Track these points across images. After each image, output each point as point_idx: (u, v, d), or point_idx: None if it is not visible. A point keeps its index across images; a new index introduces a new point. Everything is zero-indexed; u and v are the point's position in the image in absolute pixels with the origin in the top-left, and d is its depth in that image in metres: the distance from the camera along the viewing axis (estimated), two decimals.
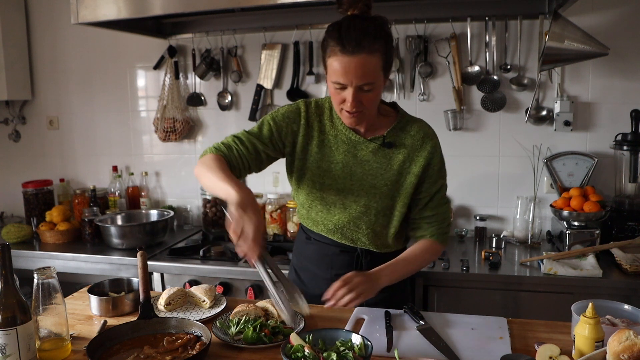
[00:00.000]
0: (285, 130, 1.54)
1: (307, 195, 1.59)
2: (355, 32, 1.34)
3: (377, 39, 1.35)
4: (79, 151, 3.22)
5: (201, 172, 1.44)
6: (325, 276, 1.63)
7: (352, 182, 1.54)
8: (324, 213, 1.59)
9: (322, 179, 1.55)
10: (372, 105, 1.44)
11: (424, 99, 2.63)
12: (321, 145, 1.55)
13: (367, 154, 1.53)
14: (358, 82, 1.36)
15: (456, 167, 2.65)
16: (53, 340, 1.27)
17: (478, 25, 2.51)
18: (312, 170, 1.56)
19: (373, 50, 1.34)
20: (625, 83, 2.42)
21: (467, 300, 2.13)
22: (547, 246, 2.43)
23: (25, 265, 2.56)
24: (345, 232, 1.59)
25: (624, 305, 1.28)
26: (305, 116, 1.55)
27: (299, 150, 1.55)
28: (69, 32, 3.07)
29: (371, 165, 1.53)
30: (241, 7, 2.43)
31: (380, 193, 1.53)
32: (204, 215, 2.88)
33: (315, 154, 1.55)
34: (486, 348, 1.27)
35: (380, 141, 1.52)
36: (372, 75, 1.36)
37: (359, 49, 1.32)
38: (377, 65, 1.36)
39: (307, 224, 1.67)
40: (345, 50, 1.33)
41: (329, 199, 1.56)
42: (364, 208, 1.55)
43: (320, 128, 1.55)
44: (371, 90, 1.39)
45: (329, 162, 1.55)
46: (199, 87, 2.96)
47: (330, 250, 1.63)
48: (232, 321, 1.39)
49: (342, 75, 1.36)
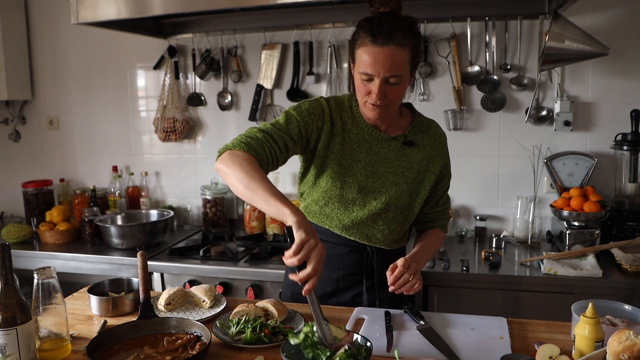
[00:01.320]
0: (311, 126, 1.51)
1: (325, 192, 1.56)
2: (386, 25, 1.37)
3: (408, 34, 1.39)
4: (79, 151, 3.22)
5: (233, 173, 1.32)
6: (332, 277, 1.62)
7: (374, 179, 1.55)
8: (341, 210, 1.57)
9: (344, 177, 1.54)
10: (397, 99, 1.46)
11: (424, 99, 2.63)
12: (343, 142, 1.53)
13: (389, 152, 1.55)
14: (385, 73, 1.38)
15: (456, 167, 2.62)
16: (53, 340, 1.27)
17: (478, 25, 2.51)
18: (333, 167, 1.54)
19: (403, 44, 1.37)
20: (625, 83, 2.42)
21: (467, 300, 2.13)
22: (547, 246, 2.43)
23: (25, 265, 2.56)
24: (362, 228, 1.58)
25: (624, 305, 1.28)
26: (328, 112, 1.53)
27: (322, 147, 1.53)
28: (69, 32, 3.07)
29: (392, 163, 1.55)
30: (241, 7, 2.43)
31: (402, 190, 1.56)
32: (204, 215, 2.88)
33: (338, 152, 1.53)
34: (486, 348, 1.27)
35: (402, 139, 1.56)
36: (400, 69, 1.39)
37: (390, 40, 1.36)
38: (405, 59, 1.39)
39: (319, 219, 1.62)
40: (376, 41, 1.36)
41: (348, 197, 1.55)
42: (384, 205, 1.56)
43: (342, 125, 1.54)
44: (397, 84, 1.41)
45: (351, 160, 1.54)
46: (199, 87, 2.96)
47: (339, 250, 1.61)
48: (232, 321, 1.39)
49: (371, 66, 1.38)
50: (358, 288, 1.63)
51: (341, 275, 1.61)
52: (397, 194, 1.55)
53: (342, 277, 1.61)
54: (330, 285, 1.61)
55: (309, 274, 1.13)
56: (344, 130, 1.54)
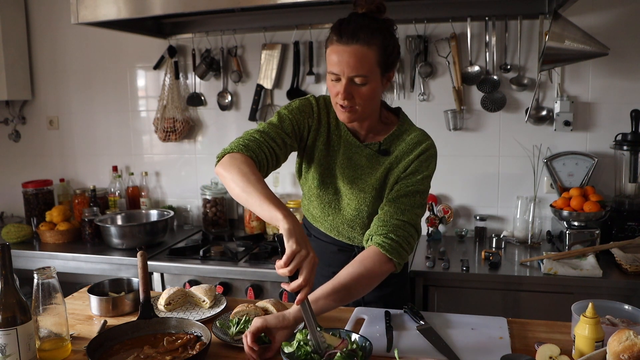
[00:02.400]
0: (302, 123, 1.52)
1: (308, 189, 1.61)
2: (354, 24, 1.35)
3: (375, 33, 1.34)
4: (79, 151, 3.22)
5: (230, 176, 1.31)
6: (324, 273, 1.63)
7: (345, 184, 1.54)
8: (320, 211, 1.61)
9: (323, 177, 1.56)
10: (366, 101, 1.40)
11: (424, 99, 2.63)
12: (326, 143, 1.54)
13: (362, 159, 1.52)
14: (350, 72, 1.34)
15: (456, 167, 2.65)
16: (53, 340, 1.28)
17: (478, 25, 2.51)
18: (316, 167, 1.55)
19: (369, 43, 1.33)
20: (625, 83, 2.42)
21: (467, 300, 2.13)
22: (547, 246, 2.43)
23: (25, 265, 2.56)
24: (342, 231, 1.61)
25: (624, 305, 1.28)
26: (317, 111, 1.53)
27: (310, 144, 1.55)
28: (69, 32, 3.07)
29: (364, 171, 1.52)
30: (241, 7, 2.43)
31: (371, 197, 1.53)
32: (204, 215, 2.88)
33: (321, 151, 1.54)
34: (486, 348, 1.27)
35: (376, 147, 1.51)
36: (365, 68, 1.34)
37: (354, 39, 1.33)
38: (371, 58, 1.35)
39: (308, 216, 1.69)
40: (340, 40, 1.34)
41: (325, 198, 1.57)
42: (356, 212, 1.55)
43: (328, 126, 1.54)
44: (365, 85, 1.36)
45: (331, 162, 1.55)
46: (199, 87, 2.96)
47: (329, 248, 1.64)
48: (232, 321, 1.39)
49: (336, 65, 1.35)
50: None
51: (331, 272, 1.58)
52: (366, 201, 1.53)
53: (332, 274, 1.59)
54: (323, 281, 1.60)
55: (300, 284, 1.13)
56: (328, 131, 1.54)
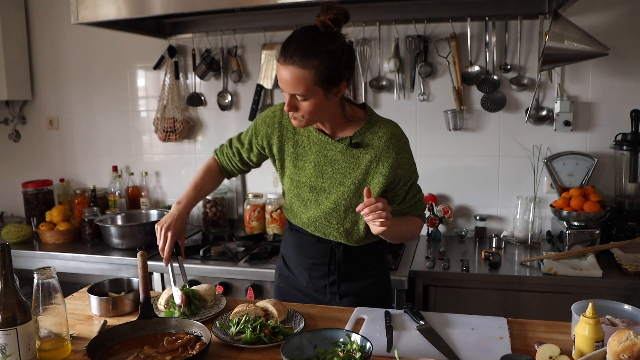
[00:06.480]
0: (262, 133, 1.65)
1: (288, 190, 1.69)
2: (295, 43, 1.39)
3: (313, 55, 1.36)
4: (79, 151, 3.22)
5: None
6: (305, 264, 1.72)
7: (323, 180, 1.60)
8: (301, 208, 1.67)
9: (298, 177, 1.63)
10: (311, 114, 1.45)
11: (424, 99, 2.63)
12: (296, 145, 1.62)
13: (336, 154, 1.58)
14: (289, 90, 1.42)
15: (456, 167, 2.65)
16: (53, 340, 1.28)
17: (478, 25, 2.51)
18: (290, 168, 1.64)
19: (304, 65, 1.37)
20: (625, 83, 2.42)
21: (467, 300, 2.13)
22: (547, 246, 2.43)
23: (25, 265, 2.56)
24: (318, 226, 1.66)
25: (624, 305, 1.28)
26: (280, 118, 1.63)
27: (276, 151, 1.65)
28: (69, 32, 3.07)
29: (340, 165, 1.58)
30: (241, 7, 2.43)
31: (349, 191, 1.58)
32: (204, 215, 2.88)
33: (292, 154, 1.63)
34: (486, 348, 1.27)
35: (347, 142, 1.56)
36: (302, 88, 1.39)
37: (291, 61, 1.38)
38: (308, 79, 1.38)
39: (288, 215, 1.76)
40: (279, 59, 1.41)
41: (304, 196, 1.64)
42: (334, 205, 1.60)
43: (293, 129, 1.62)
44: (306, 100, 1.42)
45: (303, 161, 1.62)
46: (199, 87, 2.96)
47: (308, 240, 1.70)
48: (232, 321, 1.39)
49: (279, 80, 1.44)
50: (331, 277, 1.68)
51: (310, 263, 1.70)
52: (344, 194, 1.58)
53: (312, 265, 1.70)
54: (304, 272, 1.71)
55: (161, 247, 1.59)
56: (295, 134, 1.62)
